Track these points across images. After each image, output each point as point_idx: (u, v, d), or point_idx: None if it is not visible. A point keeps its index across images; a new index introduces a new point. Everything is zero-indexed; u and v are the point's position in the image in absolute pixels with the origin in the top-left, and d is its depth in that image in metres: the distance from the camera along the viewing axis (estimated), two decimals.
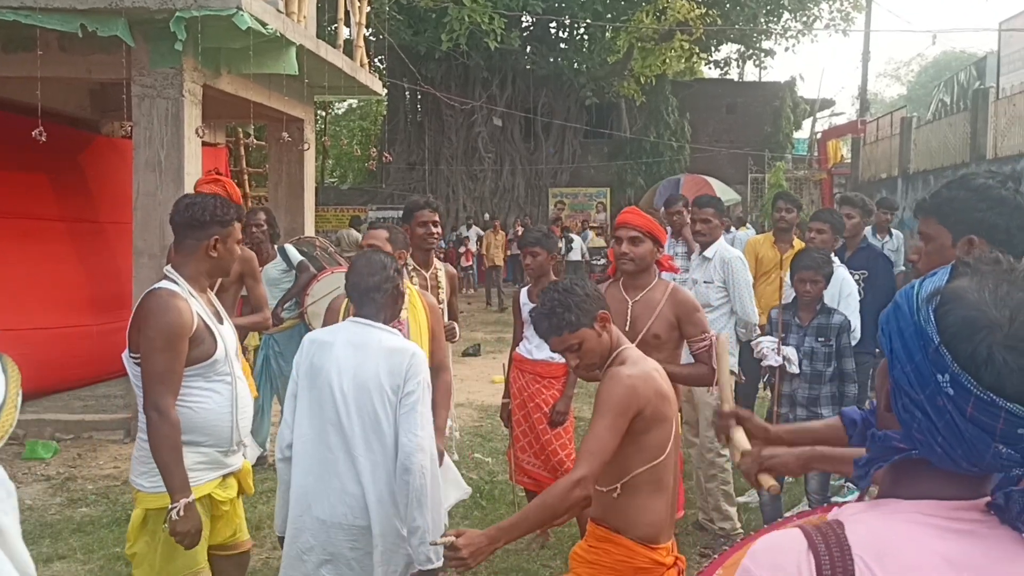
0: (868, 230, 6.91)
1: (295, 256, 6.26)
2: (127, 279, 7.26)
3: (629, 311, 3.80)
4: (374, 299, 3.20)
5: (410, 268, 4.60)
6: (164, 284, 3.07)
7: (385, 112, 27.61)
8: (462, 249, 21.50)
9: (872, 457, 1.13)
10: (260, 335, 6.28)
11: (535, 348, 4.87)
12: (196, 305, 3.04)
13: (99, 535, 5.01)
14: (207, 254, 3.12)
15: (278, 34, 7.06)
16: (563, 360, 4.88)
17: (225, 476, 3.19)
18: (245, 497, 3.48)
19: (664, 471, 2.74)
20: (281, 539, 3.27)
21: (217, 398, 3.09)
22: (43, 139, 6.33)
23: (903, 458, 1.10)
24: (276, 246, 6.37)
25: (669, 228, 6.55)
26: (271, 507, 5.48)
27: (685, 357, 3.98)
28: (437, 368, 3.92)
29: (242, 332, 4.67)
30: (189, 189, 7.12)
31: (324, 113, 29.21)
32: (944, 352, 1.03)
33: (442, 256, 22.99)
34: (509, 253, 20.26)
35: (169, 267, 3.15)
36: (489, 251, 19.76)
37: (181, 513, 2.89)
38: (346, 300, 3.96)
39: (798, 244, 5.87)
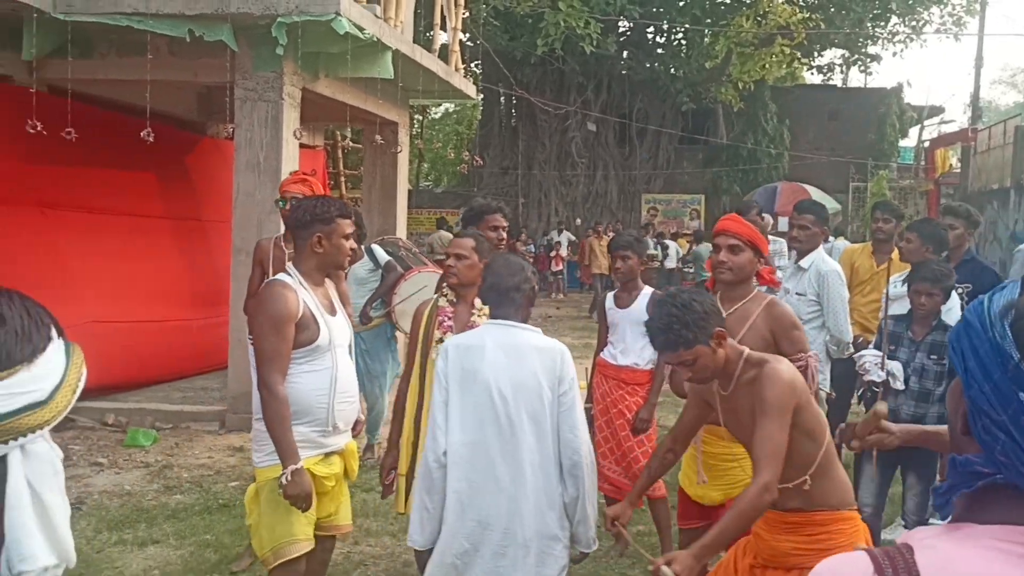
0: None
1: (382, 256, 6.36)
2: (227, 276, 7.50)
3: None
4: (513, 299, 3.22)
5: None
6: (279, 276, 3.42)
7: (480, 116, 27.83)
8: (552, 254, 21.51)
9: (954, 484, 1.07)
10: None
11: (619, 353, 4.82)
12: (305, 295, 3.30)
13: (191, 522, 5.18)
14: (313, 250, 3.36)
15: (375, 39, 7.21)
16: (648, 367, 4.89)
17: (328, 455, 3.38)
18: None
19: (831, 443, 2.86)
20: (419, 553, 3.29)
21: (317, 381, 3.31)
22: (151, 140, 6.62)
23: (988, 484, 1.04)
24: (363, 246, 6.49)
25: None
26: (355, 503, 5.57)
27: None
28: None
29: None
30: None
31: (421, 117, 29.65)
32: None
33: (532, 260, 23.09)
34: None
35: (290, 263, 3.48)
36: (593, 257, 19.36)
37: (288, 478, 3.13)
38: (430, 306, 4.02)
39: (896, 256, 5.66)
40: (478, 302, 3.90)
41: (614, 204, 25.98)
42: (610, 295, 5.01)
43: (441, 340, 3.81)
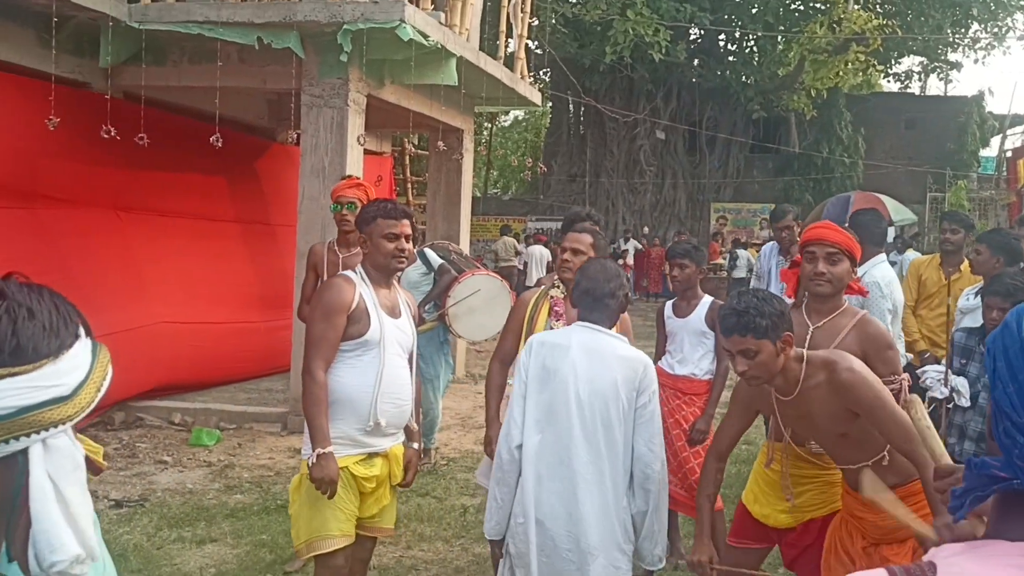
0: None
1: (435, 259, 6.39)
2: (292, 279, 7.62)
3: (808, 338, 3.36)
4: (608, 305, 3.22)
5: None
6: (345, 272, 3.55)
7: (548, 124, 27.86)
8: (620, 262, 21.40)
9: (969, 487, 1.02)
10: None
11: (677, 363, 4.76)
12: (365, 290, 3.37)
13: (249, 521, 5.26)
14: (363, 250, 3.53)
15: (439, 46, 7.25)
16: (706, 377, 4.81)
17: (371, 456, 3.39)
18: None
19: None
20: (492, 542, 3.28)
21: (363, 376, 3.33)
22: (219, 145, 6.76)
23: (1004, 489, 0.98)
24: (416, 249, 6.53)
25: (778, 244, 6.18)
26: (408, 507, 5.61)
27: None
28: None
29: None
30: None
31: (491, 124, 29.82)
32: None
33: None
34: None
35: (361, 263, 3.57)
36: None
37: (314, 460, 3.19)
38: (537, 294, 4.05)
39: (966, 267, 5.47)
40: None
41: (682, 213, 25.74)
42: (668, 304, 4.95)
43: (551, 327, 3.89)
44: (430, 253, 6.46)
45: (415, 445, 3.61)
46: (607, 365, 3.11)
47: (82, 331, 1.25)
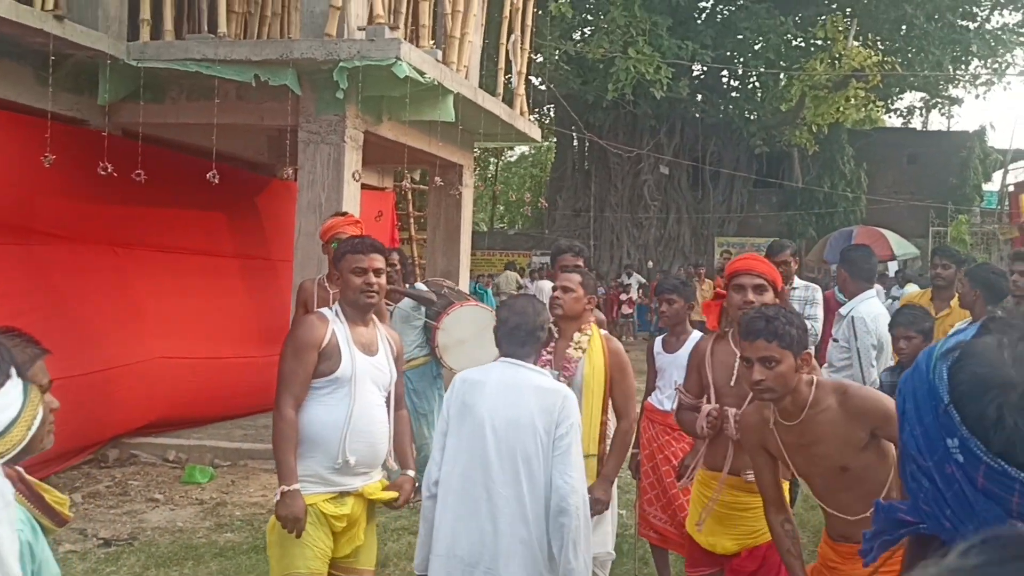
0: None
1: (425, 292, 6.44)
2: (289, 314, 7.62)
3: (738, 366, 3.48)
4: (538, 338, 3.30)
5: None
6: (320, 309, 3.59)
7: (553, 159, 28.00)
8: (624, 297, 21.36)
9: (878, 530, 1.00)
10: None
11: (666, 399, 4.73)
12: (339, 327, 3.36)
13: (237, 560, 5.22)
14: (338, 287, 3.62)
15: (436, 83, 7.30)
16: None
17: (341, 494, 3.35)
18: (377, 533, 3.61)
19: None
20: None
21: (332, 413, 3.31)
22: (216, 181, 6.80)
23: (912, 533, 0.96)
24: (408, 285, 6.54)
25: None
26: (400, 545, 5.56)
27: None
28: (616, 415, 4.03)
29: None
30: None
31: (496, 160, 30.00)
32: (953, 413, 0.91)
33: (601, 303, 22.98)
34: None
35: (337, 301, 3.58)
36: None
37: (278, 498, 3.21)
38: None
39: (956, 302, 5.44)
40: (577, 335, 4.00)
41: (687, 247, 25.76)
42: (658, 340, 4.95)
43: None
44: (421, 287, 6.48)
45: (410, 472, 3.60)
46: (523, 398, 3.14)
47: (14, 372, 1.25)
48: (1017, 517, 0.88)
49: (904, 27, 22.45)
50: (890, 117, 28.36)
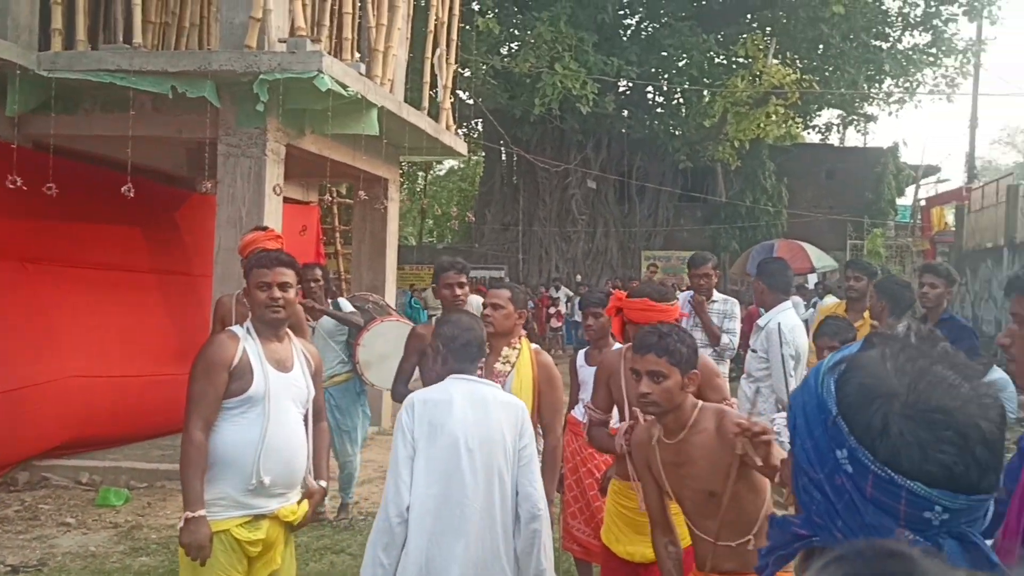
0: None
1: (348, 309, 6.38)
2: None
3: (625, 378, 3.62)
4: (483, 352, 3.34)
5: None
6: (230, 327, 3.47)
7: (481, 173, 28.07)
8: (552, 310, 21.47)
9: (773, 545, 1.01)
10: None
11: (582, 413, 4.75)
12: (250, 345, 3.28)
13: None
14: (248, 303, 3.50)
15: (359, 96, 7.25)
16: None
17: (256, 518, 3.26)
18: (299, 553, 3.53)
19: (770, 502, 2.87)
20: None
21: (243, 434, 3.22)
22: (131, 195, 6.63)
23: (806, 547, 0.98)
24: (330, 300, 6.47)
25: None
26: (322, 565, 5.46)
27: None
28: (544, 430, 3.98)
29: None
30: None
31: (425, 174, 29.93)
32: (841, 424, 0.93)
33: (530, 316, 23.05)
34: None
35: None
36: None
37: (181, 525, 3.13)
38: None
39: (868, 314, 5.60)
40: (506, 350, 3.99)
41: (614, 261, 26.03)
42: (581, 353, 4.97)
43: None
44: (344, 303, 6.42)
45: (322, 483, 3.52)
46: (492, 414, 3.15)
47: None
48: (905, 525, 0.90)
49: (821, 46, 23.13)
50: (809, 133, 29.15)
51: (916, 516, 0.90)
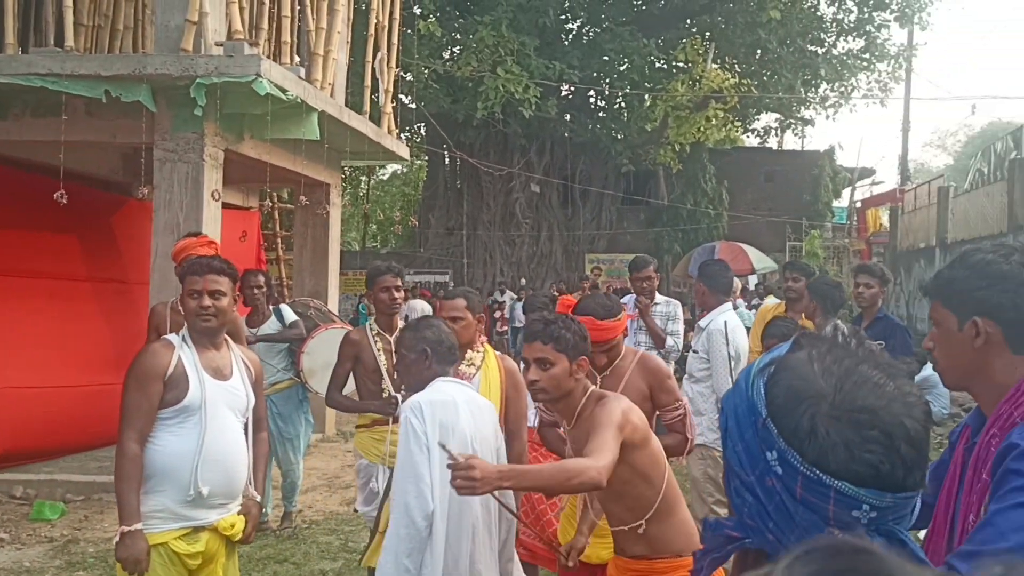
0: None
1: (290, 316, 6.30)
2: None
3: (599, 385, 3.55)
4: (456, 356, 3.35)
5: (373, 332, 4.63)
6: (165, 336, 3.42)
7: (425, 178, 27.99)
8: (497, 314, 21.48)
9: (707, 548, 1.03)
10: None
11: (532, 415, 4.76)
12: (185, 353, 3.22)
13: None
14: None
15: (299, 100, 7.18)
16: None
17: (195, 530, 3.20)
18: (242, 563, 3.47)
19: (672, 487, 2.88)
20: None
21: (180, 444, 3.16)
22: (64, 201, 6.47)
23: (738, 549, 0.99)
24: (272, 307, 6.40)
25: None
26: (267, 575, 5.39)
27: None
28: (509, 436, 3.91)
29: None
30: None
31: (367, 178, 29.74)
32: (771, 426, 0.95)
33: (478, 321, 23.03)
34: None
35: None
36: None
37: (117, 539, 3.07)
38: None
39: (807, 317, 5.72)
40: (469, 353, 3.97)
41: (559, 264, 26.15)
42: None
43: None
44: (286, 309, 6.35)
45: (257, 497, 3.46)
46: (484, 414, 3.23)
47: None
48: (834, 525, 0.92)
49: (759, 52, 23.54)
50: (748, 137, 29.62)
51: (844, 515, 0.92)
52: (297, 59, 9.19)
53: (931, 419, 0.98)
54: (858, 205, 25.84)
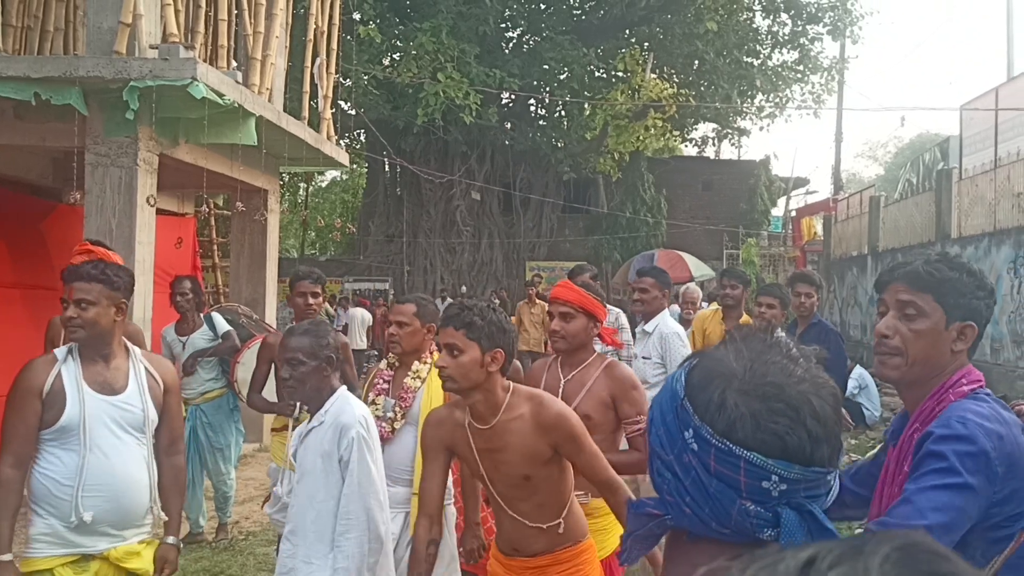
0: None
1: (222, 325, 6.19)
2: None
3: (561, 391, 3.51)
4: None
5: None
6: (56, 349, 3.11)
7: (365, 185, 27.81)
8: None
9: (630, 529, 1.08)
10: (186, 406, 6.14)
11: None
12: (68, 368, 2.99)
13: None
14: None
15: (236, 105, 7.08)
16: None
17: (85, 557, 2.98)
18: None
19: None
20: None
21: (60, 467, 2.96)
22: None
23: (661, 527, 1.05)
24: (202, 314, 6.29)
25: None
26: None
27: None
28: None
29: None
30: (141, 258, 7.06)
31: (307, 185, 29.47)
32: (687, 406, 1.01)
33: None
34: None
35: None
36: (525, 329, 14.01)
37: None
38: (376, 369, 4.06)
39: (746, 320, 5.83)
40: (416, 364, 3.88)
41: (499, 271, 26.19)
42: None
43: (374, 402, 3.82)
44: (217, 318, 6.24)
45: (170, 540, 3.19)
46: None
47: None
48: (747, 496, 0.98)
49: (696, 62, 23.94)
50: (686, 146, 30.07)
51: (755, 487, 0.97)
52: (235, 63, 9.07)
53: (840, 402, 1.03)
54: (793, 214, 26.40)
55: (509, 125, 24.94)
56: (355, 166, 27.77)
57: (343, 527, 2.99)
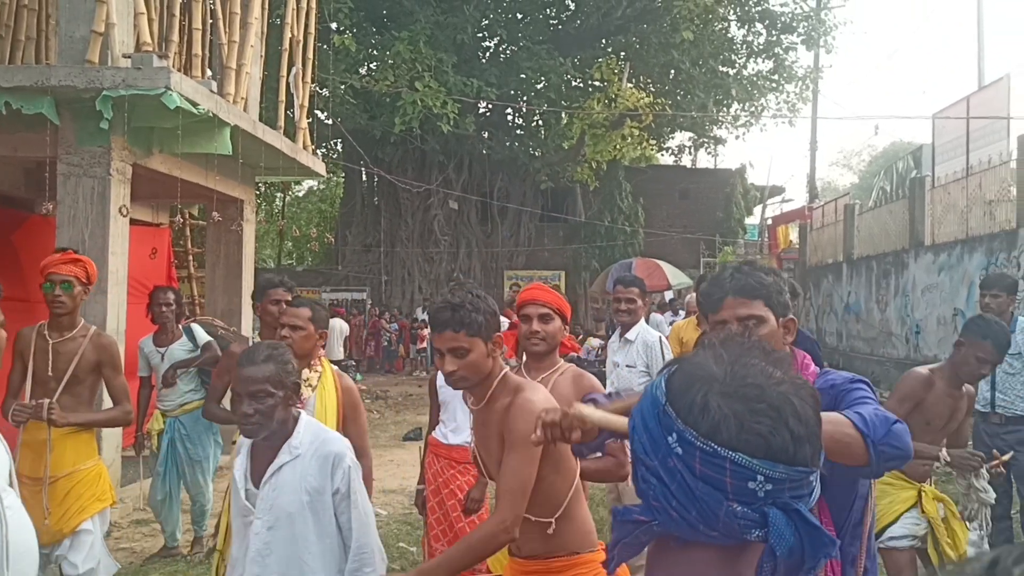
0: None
1: (202, 336, 6.13)
2: None
3: None
4: None
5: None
6: None
7: (342, 194, 27.73)
8: (423, 332, 21.39)
9: (617, 537, 1.08)
10: (164, 418, 6.08)
11: (451, 432, 4.73)
12: None
13: None
14: None
15: (210, 114, 7.03)
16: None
17: None
18: None
19: (581, 484, 2.80)
20: None
21: None
22: None
23: (647, 533, 1.05)
24: (183, 325, 6.23)
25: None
26: None
27: None
28: (358, 453, 3.79)
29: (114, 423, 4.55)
30: (114, 269, 6.99)
31: (283, 195, 29.34)
32: (670, 411, 1.02)
33: (395, 338, 22.82)
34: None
35: None
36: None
37: None
38: None
39: None
40: (306, 372, 3.77)
41: (477, 280, 26.17)
42: (440, 373, 4.93)
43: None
44: (197, 329, 6.18)
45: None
46: None
47: None
48: (733, 498, 0.98)
49: (672, 71, 24.08)
50: (663, 155, 30.21)
51: (742, 487, 0.97)
52: (209, 73, 9.02)
53: (819, 404, 1.05)
54: (769, 222, 26.60)
55: (486, 134, 24.96)
56: (332, 176, 27.67)
57: (359, 561, 2.82)
